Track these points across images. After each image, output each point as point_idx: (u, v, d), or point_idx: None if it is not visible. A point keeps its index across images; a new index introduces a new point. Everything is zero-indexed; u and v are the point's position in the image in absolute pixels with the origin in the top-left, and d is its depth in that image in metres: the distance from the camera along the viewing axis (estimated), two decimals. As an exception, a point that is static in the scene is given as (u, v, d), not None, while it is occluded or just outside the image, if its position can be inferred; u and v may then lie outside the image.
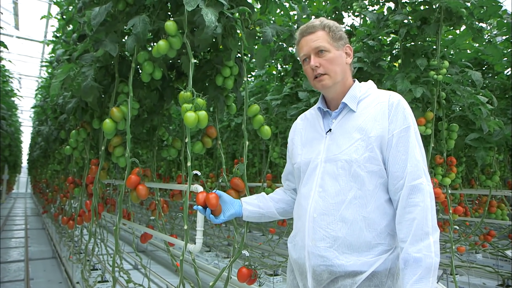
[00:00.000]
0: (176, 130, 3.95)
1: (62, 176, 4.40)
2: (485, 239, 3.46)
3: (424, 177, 1.21)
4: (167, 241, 1.88)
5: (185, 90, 1.47)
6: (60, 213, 4.27)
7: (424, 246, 1.15)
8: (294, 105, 3.03)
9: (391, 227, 1.28)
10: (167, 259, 5.42)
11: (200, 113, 1.42)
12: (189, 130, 1.45)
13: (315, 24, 1.37)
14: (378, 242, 1.25)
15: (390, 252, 1.27)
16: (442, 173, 2.44)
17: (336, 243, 1.26)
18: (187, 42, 1.48)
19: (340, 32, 1.37)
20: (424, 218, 1.17)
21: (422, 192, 1.19)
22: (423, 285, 1.13)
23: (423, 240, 1.16)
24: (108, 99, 2.13)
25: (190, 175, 1.41)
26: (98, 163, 2.12)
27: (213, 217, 1.41)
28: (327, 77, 1.34)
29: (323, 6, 2.69)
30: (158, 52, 1.52)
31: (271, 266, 3.95)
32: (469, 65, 2.35)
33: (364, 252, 1.25)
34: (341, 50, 1.37)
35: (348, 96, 1.36)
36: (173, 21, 1.48)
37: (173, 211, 8.62)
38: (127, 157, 1.64)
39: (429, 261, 1.14)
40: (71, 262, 3.67)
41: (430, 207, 1.19)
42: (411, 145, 1.23)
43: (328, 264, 1.26)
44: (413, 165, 1.21)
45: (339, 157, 1.29)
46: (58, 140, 3.57)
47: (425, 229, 1.17)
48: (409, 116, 1.27)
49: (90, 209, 2.17)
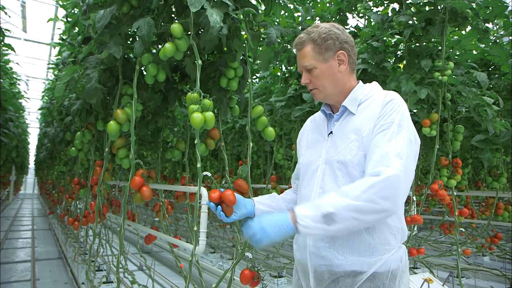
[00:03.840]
0: (181, 132, 3.96)
1: (68, 177, 4.43)
2: (492, 241, 3.42)
3: (389, 168, 1.14)
4: (171, 242, 1.88)
5: (191, 91, 1.47)
6: (66, 214, 4.30)
7: (337, 201, 1.14)
8: (298, 106, 3.02)
9: (392, 227, 1.27)
10: (172, 260, 5.43)
11: (207, 114, 1.42)
12: (198, 131, 1.44)
13: (302, 40, 1.37)
14: (378, 242, 1.25)
15: (392, 252, 1.27)
16: (448, 175, 2.42)
17: (336, 243, 1.27)
18: (194, 44, 1.49)
19: (327, 43, 1.34)
20: (358, 186, 1.14)
21: (378, 175, 1.14)
22: (307, 211, 1.16)
23: (341, 196, 1.15)
24: (112, 101, 2.14)
25: (201, 176, 1.40)
26: (102, 164, 2.13)
27: (225, 216, 1.37)
28: (317, 91, 1.39)
29: (327, 7, 2.68)
30: (165, 55, 1.53)
31: (276, 268, 3.94)
32: (475, 66, 2.33)
33: (363, 252, 1.25)
34: (330, 61, 1.35)
35: (348, 99, 1.36)
36: (179, 23, 1.48)
37: (178, 212, 8.65)
38: (131, 158, 1.65)
39: (326, 209, 1.14)
40: (76, 263, 3.70)
41: (374, 187, 1.13)
42: (385, 137, 1.20)
43: (328, 264, 1.27)
44: (380, 155, 1.18)
45: (335, 159, 1.30)
46: (64, 142, 3.60)
47: (351, 192, 1.14)
48: (398, 113, 1.24)
49: (95, 210, 2.18)
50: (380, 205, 1.12)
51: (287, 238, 1.23)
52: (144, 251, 6.00)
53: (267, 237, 1.18)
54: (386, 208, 1.13)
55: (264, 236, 1.18)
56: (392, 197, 1.14)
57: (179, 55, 1.55)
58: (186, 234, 6.84)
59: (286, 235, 1.19)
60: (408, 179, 1.19)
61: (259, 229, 1.19)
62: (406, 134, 1.21)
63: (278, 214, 1.21)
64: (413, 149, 1.22)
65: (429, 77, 2.21)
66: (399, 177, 1.14)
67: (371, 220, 1.16)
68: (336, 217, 1.13)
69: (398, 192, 1.14)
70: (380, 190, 1.12)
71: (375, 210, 1.13)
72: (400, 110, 1.25)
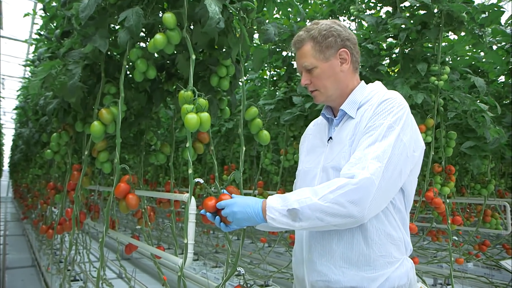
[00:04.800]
0: (165, 135, 3.81)
1: (43, 181, 4.20)
2: (480, 248, 3.41)
3: (363, 170, 1.05)
4: (154, 254, 1.75)
5: (185, 90, 1.35)
6: (41, 220, 4.07)
7: (304, 198, 1.08)
8: (288, 110, 2.94)
9: (394, 237, 1.18)
10: (153, 266, 5.25)
11: (203, 115, 1.30)
12: (190, 133, 1.33)
13: (301, 38, 1.29)
14: (378, 255, 1.15)
15: (396, 266, 1.17)
16: (441, 182, 2.37)
17: (333, 257, 1.17)
18: (187, 37, 1.37)
19: (328, 40, 1.26)
20: (328, 186, 1.08)
21: (352, 177, 1.06)
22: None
23: (310, 194, 1.09)
24: (92, 100, 2.00)
25: (192, 183, 1.28)
26: (81, 168, 1.97)
27: (224, 225, 1.24)
28: (318, 93, 1.29)
29: (320, 8, 2.61)
30: (155, 47, 1.39)
31: (262, 277, 3.83)
32: (469, 71, 2.29)
33: (363, 266, 1.15)
34: (332, 59, 1.26)
35: (347, 103, 1.27)
36: (172, 13, 1.35)
37: (160, 217, 8.42)
38: (117, 163, 1.51)
39: (292, 205, 1.09)
40: (50, 273, 3.48)
41: (343, 189, 1.04)
42: (369, 139, 1.11)
43: (325, 280, 1.17)
44: (357, 157, 1.10)
45: (330, 165, 1.22)
46: (39, 143, 3.40)
47: (320, 191, 1.08)
48: (391, 114, 1.14)
49: (71, 218, 2.01)
50: (347, 209, 1.03)
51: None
52: (123, 257, 5.77)
53: (237, 223, 1.17)
54: (352, 213, 1.03)
55: (234, 221, 1.17)
56: (361, 202, 1.03)
57: (170, 49, 1.43)
58: (168, 240, 6.64)
59: (255, 223, 1.17)
60: (386, 186, 1.07)
61: (230, 212, 1.16)
62: (395, 137, 1.10)
63: (251, 201, 1.16)
64: (403, 154, 1.11)
65: (424, 81, 2.16)
66: (372, 182, 1.04)
67: (338, 223, 1.06)
68: (301, 215, 1.06)
69: (369, 198, 1.04)
70: (348, 193, 1.03)
71: (341, 214, 1.04)
72: (395, 111, 1.14)
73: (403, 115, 1.16)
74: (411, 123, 1.18)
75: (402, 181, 1.15)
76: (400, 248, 1.20)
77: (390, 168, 1.08)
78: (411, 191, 1.25)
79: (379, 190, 1.05)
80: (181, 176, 5.35)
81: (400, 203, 1.22)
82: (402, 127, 1.14)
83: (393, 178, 1.10)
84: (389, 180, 1.08)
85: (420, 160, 1.23)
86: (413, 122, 1.20)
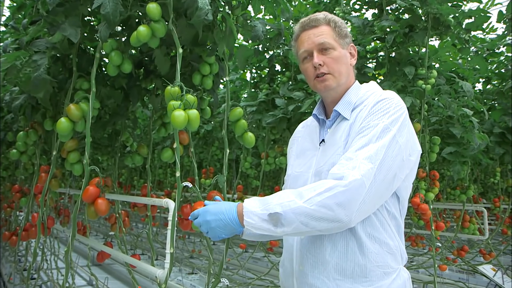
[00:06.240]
0: (141, 136, 3.66)
1: (8, 183, 3.94)
2: (459, 254, 3.44)
3: (354, 171, 0.99)
4: (129, 263, 1.62)
5: (172, 85, 1.24)
6: (4, 225, 3.82)
7: (287, 201, 1.00)
8: (270, 112, 2.86)
9: (390, 245, 1.11)
10: (127, 273, 5.03)
11: (191, 112, 1.19)
12: (177, 132, 1.22)
13: (318, 18, 1.20)
14: (375, 265, 1.08)
15: (393, 278, 1.10)
16: (426, 187, 2.35)
17: (326, 268, 1.09)
18: (174, 29, 1.26)
19: (346, 29, 1.22)
20: (314, 188, 1.00)
21: (341, 178, 0.99)
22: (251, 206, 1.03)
23: (294, 196, 1.01)
24: (63, 96, 1.85)
25: (180, 187, 1.17)
26: (49, 170, 1.82)
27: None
28: (331, 77, 1.18)
29: (305, 8, 2.55)
30: (138, 40, 1.28)
31: (241, 284, 3.71)
32: (454, 76, 2.28)
33: (359, 278, 1.07)
34: (346, 49, 1.22)
35: (341, 103, 1.20)
36: (157, 3, 1.24)
37: (134, 220, 8.15)
38: (86, 164, 1.37)
39: (273, 209, 1.00)
40: (12, 284, 3.25)
41: (331, 191, 0.97)
42: (362, 139, 1.04)
43: None
44: (348, 157, 1.03)
45: (324, 168, 1.14)
46: (4, 143, 3.18)
47: (305, 193, 1.00)
48: (386, 115, 1.07)
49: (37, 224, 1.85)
50: (334, 212, 0.95)
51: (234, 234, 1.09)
52: (94, 263, 5.51)
53: (212, 233, 1.05)
54: (340, 217, 0.96)
55: (210, 232, 1.05)
56: (349, 205, 0.96)
57: (154, 42, 1.31)
58: (142, 245, 6.43)
59: (233, 231, 1.05)
60: (377, 189, 1.00)
61: (203, 222, 1.06)
62: (390, 138, 1.03)
63: (225, 206, 1.06)
64: (398, 156, 1.04)
65: (411, 85, 2.14)
66: (362, 184, 0.97)
67: (323, 228, 0.98)
68: (283, 220, 0.97)
69: (358, 201, 0.97)
70: (337, 195, 0.96)
71: (328, 218, 0.96)
72: (391, 111, 1.08)
73: (400, 116, 1.10)
74: (408, 125, 1.12)
75: (395, 186, 1.09)
76: (396, 258, 1.14)
77: (383, 170, 1.01)
78: (406, 198, 1.19)
79: (369, 193, 0.98)
80: (156, 179, 5.18)
81: (395, 210, 1.16)
82: (399, 129, 1.07)
83: (386, 182, 1.02)
84: (381, 183, 1.01)
85: (416, 165, 1.17)
86: (410, 124, 1.14)
